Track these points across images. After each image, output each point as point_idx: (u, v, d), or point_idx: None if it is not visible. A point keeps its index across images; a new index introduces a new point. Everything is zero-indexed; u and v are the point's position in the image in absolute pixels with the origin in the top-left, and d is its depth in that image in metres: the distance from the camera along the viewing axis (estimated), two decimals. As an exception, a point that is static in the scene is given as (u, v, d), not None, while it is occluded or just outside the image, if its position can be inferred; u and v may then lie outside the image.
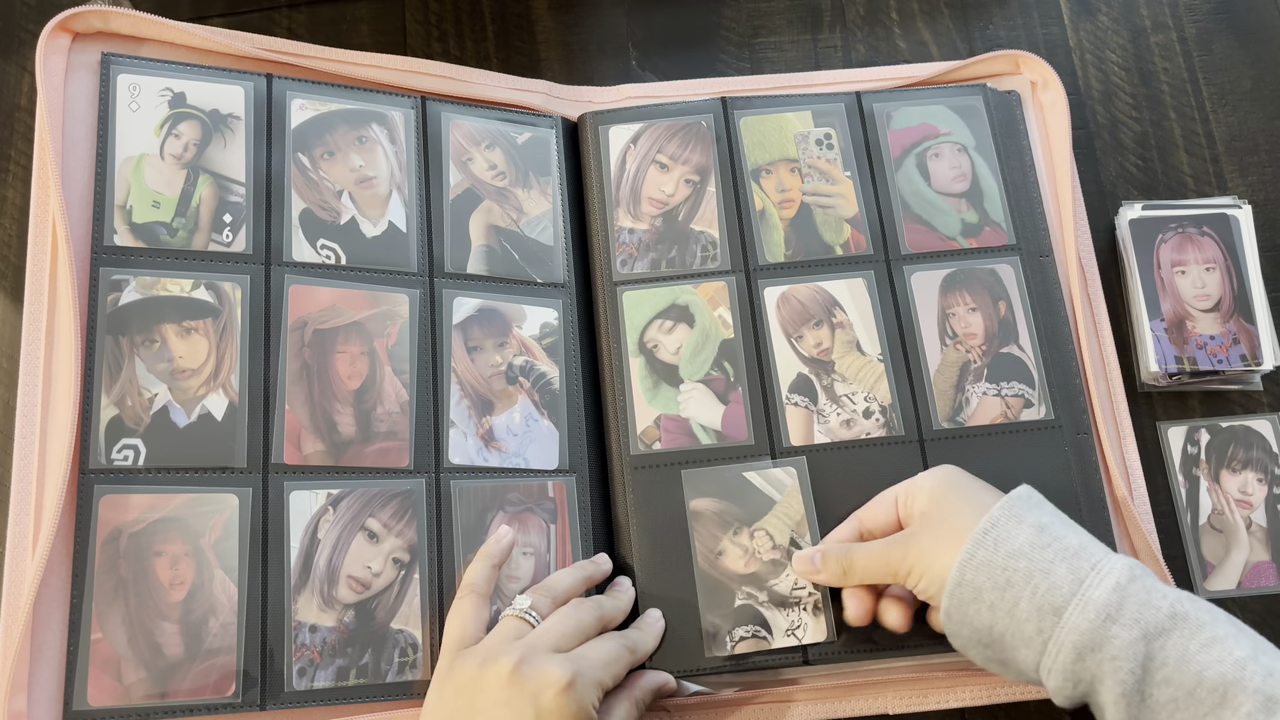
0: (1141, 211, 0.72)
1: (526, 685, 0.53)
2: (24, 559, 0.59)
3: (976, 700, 0.63)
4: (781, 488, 0.65)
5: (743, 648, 0.62)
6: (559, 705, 0.53)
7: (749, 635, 0.62)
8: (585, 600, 0.60)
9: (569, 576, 0.62)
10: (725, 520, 0.64)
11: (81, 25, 0.67)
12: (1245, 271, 0.70)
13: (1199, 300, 0.69)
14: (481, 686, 0.54)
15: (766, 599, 0.63)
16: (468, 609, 0.59)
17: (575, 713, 0.53)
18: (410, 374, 0.65)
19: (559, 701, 0.53)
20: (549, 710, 0.53)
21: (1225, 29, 0.79)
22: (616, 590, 0.63)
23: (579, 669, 0.54)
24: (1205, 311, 0.69)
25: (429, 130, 0.70)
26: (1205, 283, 0.70)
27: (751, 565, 0.63)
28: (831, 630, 0.62)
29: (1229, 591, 0.67)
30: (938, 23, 0.79)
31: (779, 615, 0.62)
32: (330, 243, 0.66)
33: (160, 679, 0.57)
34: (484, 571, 0.61)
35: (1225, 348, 0.67)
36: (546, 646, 0.56)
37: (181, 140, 0.66)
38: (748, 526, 0.64)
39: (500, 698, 0.53)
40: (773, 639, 0.62)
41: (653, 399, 0.66)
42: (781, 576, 0.63)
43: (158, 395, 0.61)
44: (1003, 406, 0.67)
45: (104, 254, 0.63)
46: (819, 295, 0.69)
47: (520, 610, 0.58)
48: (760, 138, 0.72)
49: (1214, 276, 0.70)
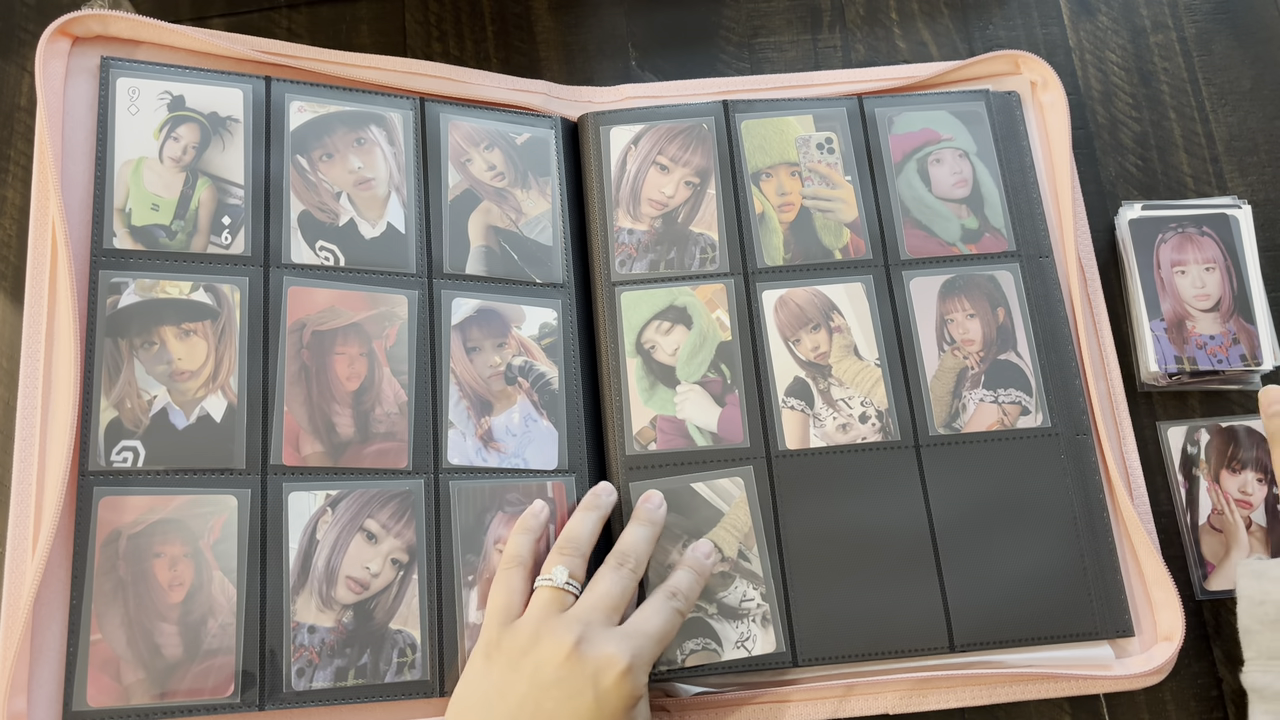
0: (1141, 211, 0.72)
1: (586, 666, 0.54)
2: (24, 560, 0.59)
3: (976, 700, 0.63)
4: (729, 499, 0.65)
5: (694, 660, 0.62)
6: (618, 688, 0.53)
7: (699, 648, 0.62)
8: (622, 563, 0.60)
9: (587, 524, 0.62)
10: (674, 533, 0.64)
11: (81, 29, 0.67)
12: (1245, 272, 0.70)
13: (1199, 300, 0.69)
14: (537, 664, 0.54)
15: (716, 611, 0.63)
16: (515, 580, 0.59)
17: (631, 693, 0.54)
18: (409, 375, 0.65)
19: (619, 684, 0.53)
20: (608, 692, 0.53)
21: (1225, 29, 0.79)
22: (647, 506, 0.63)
23: (636, 649, 0.55)
24: (1205, 311, 0.69)
25: (428, 131, 0.70)
26: (1205, 282, 0.69)
27: None
28: (780, 641, 0.62)
29: (1229, 591, 0.67)
30: (938, 23, 0.79)
31: (728, 627, 0.62)
32: (329, 244, 0.66)
33: (159, 679, 0.58)
34: (525, 544, 0.61)
35: (1225, 348, 0.67)
36: (602, 622, 0.56)
37: (180, 143, 0.66)
38: (695, 539, 0.64)
39: (557, 676, 0.54)
40: (723, 651, 0.62)
41: (649, 400, 0.66)
42: (730, 589, 0.63)
43: (157, 397, 0.61)
44: (999, 414, 0.67)
45: (103, 257, 0.63)
46: (817, 299, 0.69)
47: (560, 583, 0.58)
48: (761, 141, 0.72)
49: (1214, 276, 0.70)
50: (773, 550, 0.64)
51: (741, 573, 0.63)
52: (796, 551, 0.64)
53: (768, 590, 0.63)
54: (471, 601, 0.62)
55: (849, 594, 0.63)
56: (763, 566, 0.63)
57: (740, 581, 0.63)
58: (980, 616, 0.63)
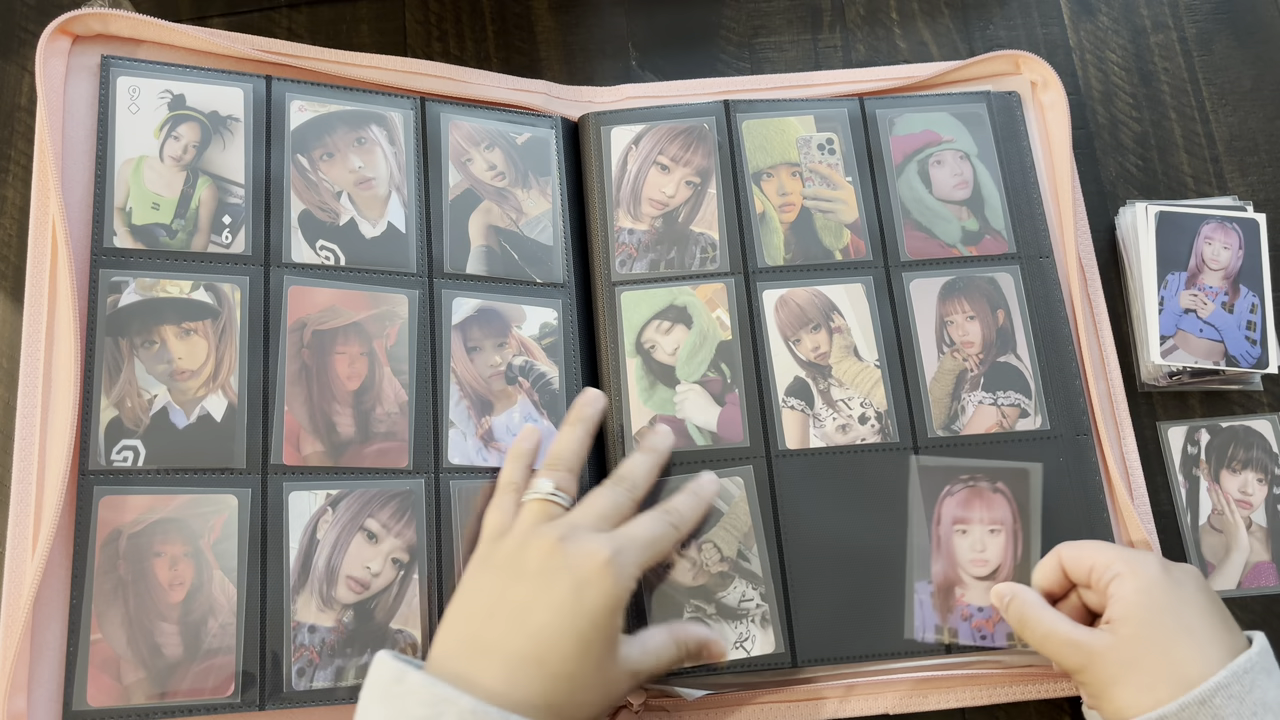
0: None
1: (568, 558, 0.54)
2: (24, 559, 0.59)
3: (976, 700, 0.63)
4: (729, 498, 0.65)
5: None
6: (599, 579, 0.53)
7: None
8: (619, 481, 0.61)
9: (573, 440, 0.62)
10: None
11: (81, 28, 0.67)
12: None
13: (974, 566, 0.63)
14: (521, 561, 0.55)
15: (715, 611, 0.63)
16: (507, 503, 0.60)
17: (613, 587, 0.53)
18: (409, 374, 0.65)
19: (599, 574, 0.53)
20: (588, 581, 0.53)
21: (1225, 29, 0.79)
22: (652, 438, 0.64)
23: (619, 546, 0.55)
24: (979, 579, 0.63)
25: (428, 131, 0.70)
26: (986, 546, 0.64)
27: (700, 578, 0.63)
28: (780, 642, 0.62)
29: (1229, 592, 0.67)
30: (938, 23, 0.79)
31: (727, 628, 0.62)
32: (329, 244, 0.66)
33: (160, 679, 0.58)
34: (519, 469, 0.61)
35: (992, 622, 0.62)
36: (587, 526, 0.56)
37: (181, 142, 0.66)
38: (695, 539, 0.64)
39: (539, 568, 0.54)
40: None
41: (649, 399, 0.66)
42: (729, 589, 0.63)
43: (157, 396, 0.61)
44: (998, 416, 0.67)
45: (103, 256, 0.63)
46: (817, 299, 0.69)
47: (545, 494, 0.58)
48: (762, 141, 0.72)
49: (998, 541, 0.64)
50: (772, 550, 0.64)
51: (741, 573, 0.63)
52: (796, 552, 0.64)
53: (767, 590, 0.63)
54: (472, 601, 0.62)
55: (849, 594, 0.63)
56: (762, 567, 0.63)
57: (739, 582, 0.63)
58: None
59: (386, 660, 0.52)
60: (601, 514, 0.58)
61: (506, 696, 0.51)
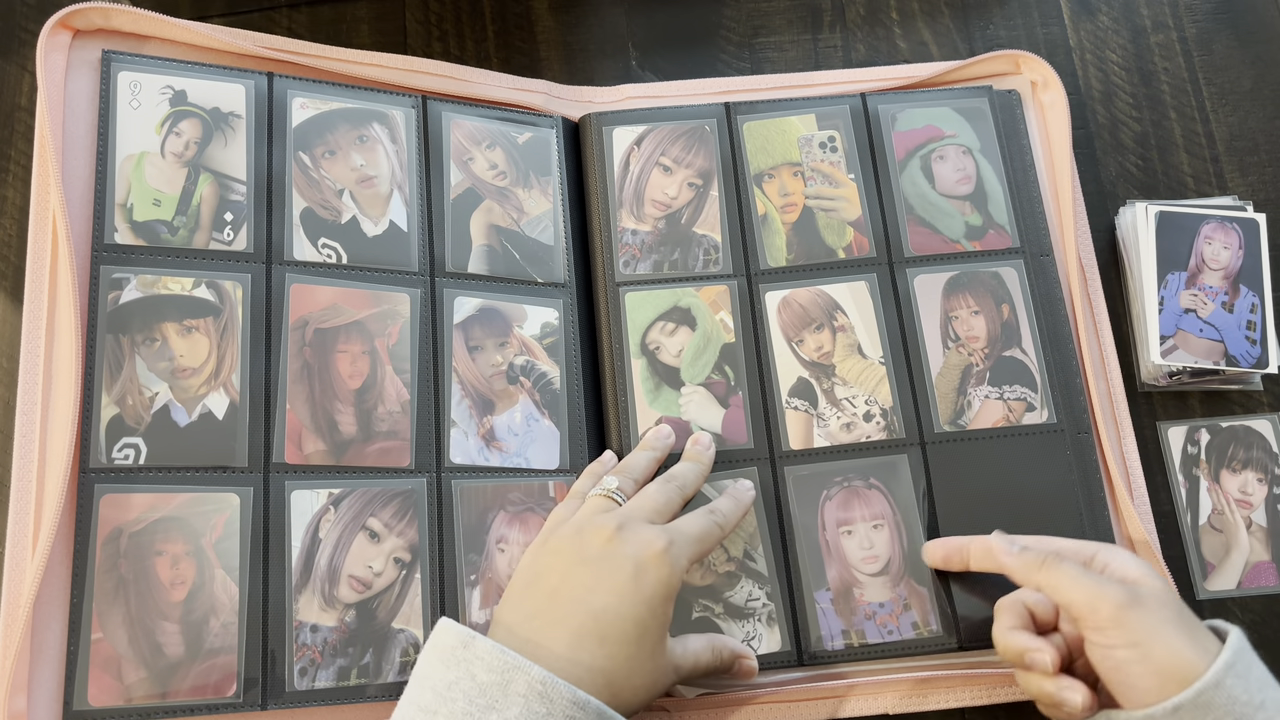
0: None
1: (626, 546, 0.55)
2: (24, 559, 0.59)
3: (976, 700, 0.63)
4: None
5: None
6: (656, 566, 0.55)
7: None
8: (670, 480, 0.62)
9: (644, 459, 0.64)
10: None
11: (82, 22, 0.66)
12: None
13: (867, 563, 0.64)
14: (581, 545, 0.56)
15: (722, 611, 0.63)
16: (573, 504, 0.61)
17: (669, 575, 0.55)
18: (411, 373, 0.64)
19: (657, 562, 0.55)
20: (646, 568, 0.54)
21: (1225, 29, 0.79)
22: (696, 448, 0.65)
23: (673, 538, 0.56)
24: (874, 576, 0.64)
25: (430, 129, 0.70)
26: (873, 542, 0.64)
27: (707, 578, 0.63)
28: (786, 640, 0.62)
29: (1229, 591, 0.67)
30: (938, 23, 0.79)
31: (734, 627, 0.63)
32: (331, 242, 0.66)
33: (161, 679, 0.57)
34: (588, 484, 0.63)
35: (895, 615, 0.63)
36: (641, 518, 0.58)
37: (182, 138, 0.65)
38: None
39: (599, 553, 0.55)
40: None
41: (654, 401, 0.66)
42: (736, 588, 0.63)
43: (158, 394, 0.61)
44: (1005, 410, 0.67)
45: (104, 252, 0.63)
46: (820, 299, 0.69)
47: (608, 490, 0.60)
48: (764, 142, 0.72)
49: (882, 535, 0.64)
50: (778, 550, 0.64)
51: (747, 572, 0.63)
52: (801, 551, 0.64)
53: (773, 590, 0.63)
54: (474, 601, 0.62)
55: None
56: (768, 566, 0.63)
57: (746, 581, 0.63)
58: (986, 614, 0.63)
59: (451, 626, 0.53)
60: (655, 508, 0.59)
61: (570, 668, 0.52)
